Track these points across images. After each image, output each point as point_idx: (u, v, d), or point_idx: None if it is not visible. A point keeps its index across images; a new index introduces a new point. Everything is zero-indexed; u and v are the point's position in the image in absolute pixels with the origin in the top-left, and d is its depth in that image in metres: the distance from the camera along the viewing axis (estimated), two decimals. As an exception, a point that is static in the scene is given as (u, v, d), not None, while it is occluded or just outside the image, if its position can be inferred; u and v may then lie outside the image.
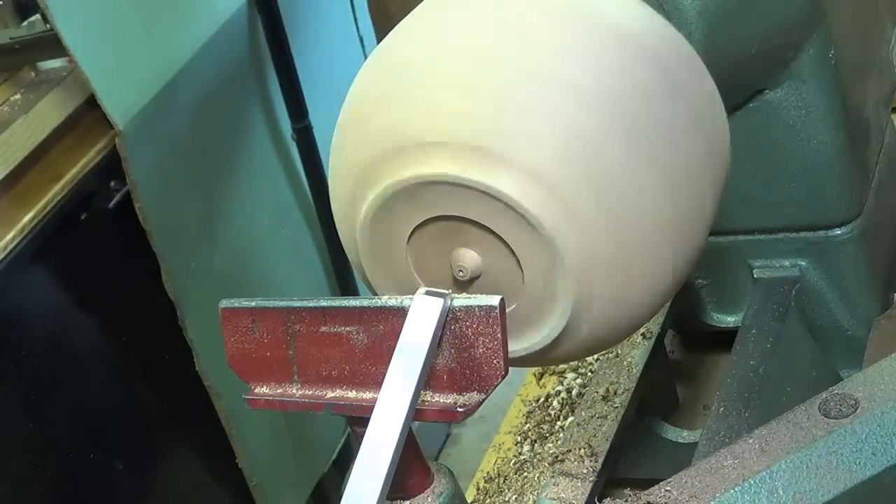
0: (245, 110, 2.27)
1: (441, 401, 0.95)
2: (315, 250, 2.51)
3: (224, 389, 2.06)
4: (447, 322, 0.94)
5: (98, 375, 1.91)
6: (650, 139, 1.07)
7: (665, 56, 1.12)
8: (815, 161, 1.44)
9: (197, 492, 2.15)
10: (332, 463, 2.50)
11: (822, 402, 1.08)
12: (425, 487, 0.99)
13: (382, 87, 1.12)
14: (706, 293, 1.61)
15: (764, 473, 1.04)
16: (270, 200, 2.35)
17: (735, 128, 1.22)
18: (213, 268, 2.11)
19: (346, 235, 1.17)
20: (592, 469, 1.43)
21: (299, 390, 1.01)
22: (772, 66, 1.39)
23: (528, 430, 1.70)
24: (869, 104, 1.52)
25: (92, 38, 1.83)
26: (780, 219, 1.50)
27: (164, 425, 2.07)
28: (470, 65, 1.08)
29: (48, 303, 1.82)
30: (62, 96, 1.89)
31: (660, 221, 1.07)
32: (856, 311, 1.53)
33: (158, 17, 1.97)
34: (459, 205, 1.05)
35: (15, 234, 1.73)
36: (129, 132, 1.85)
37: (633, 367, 1.57)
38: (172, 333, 1.99)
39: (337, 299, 0.99)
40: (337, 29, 2.60)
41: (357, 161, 1.11)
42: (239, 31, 2.22)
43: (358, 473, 0.90)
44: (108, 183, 1.89)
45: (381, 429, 0.91)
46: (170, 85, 1.97)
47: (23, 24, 1.98)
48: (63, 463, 1.81)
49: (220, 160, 2.17)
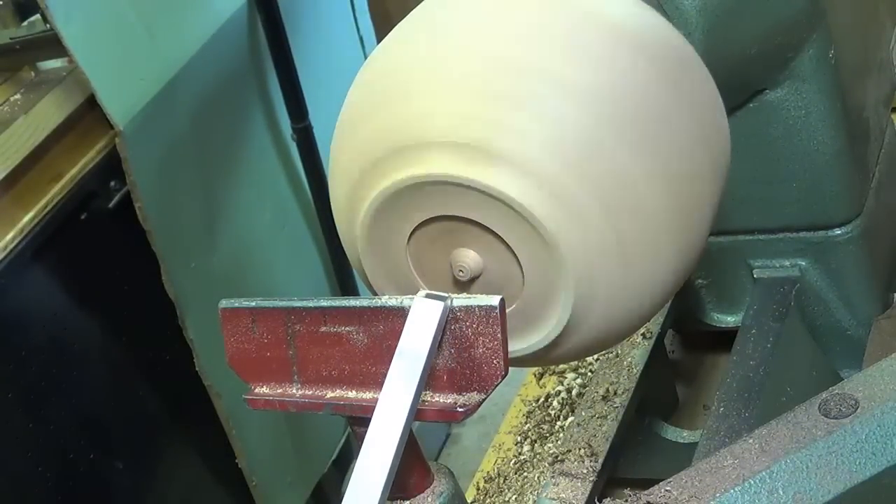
0: (245, 110, 2.27)
1: (441, 401, 0.95)
2: (315, 250, 2.50)
3: (224, 389, 2.06)
4: (447, 322, 0.94)
5: (98, 375, 1.90)
6: (651, 140, 1.07)
7: (665, 56, 1.12)
8: (815, 161, 1.44)
9: (197, 492, 2.14)
10: (332, 463, 2.49)
11: (822, 402, 1.08)
12: (425, 487, 1.00)
13: (382, 88, 1.12)
14: (706, 293, 1.61)
15: (764, 473, 1.04)
16: (270, 200, 2.35)
17: (735, 128, 1.22)
18: (213, 268, 2.11)
19: (346, 235, 1.17)
20: (592, 469, 1.43)
21: (299, 390, 1.01)
22: (772, 66, 1.39)
23: (528, 430, 1.70)
24: (869, 104, 1.52)
25: (92, 38, 1.83)
26: (780, 219, 1.50)
27: (164, 425, 2.06)
28: (469, 65, 1.08)
29: (48, 303, 1.82)
30: (62, 96, 1.89)
31: (660, 222, 1.07)
32: (856, 311, 1.53)
33: (158, 17, 1.97)
34: (459, 205, 1.05)
35: (15, 234, 1.73)
36: (129, 132, 1.85)
37: (633, 367, 1.57)
38: (172, 333, 1.99)
39: (337, 299, 0.99)
40: (337, 29, 2.60)
41: (357, 161, 1.11)
42: (239, 31, 2.22)
43: (359, 474, 0.90)
44: (108, 183, 1.89)
45: (381, 430, 0.91)
46: (170, 85, 1.96)
47: (23, 24, 1.98)
48: (63, 463, 1.81)
49: (220, 160, 2.17)
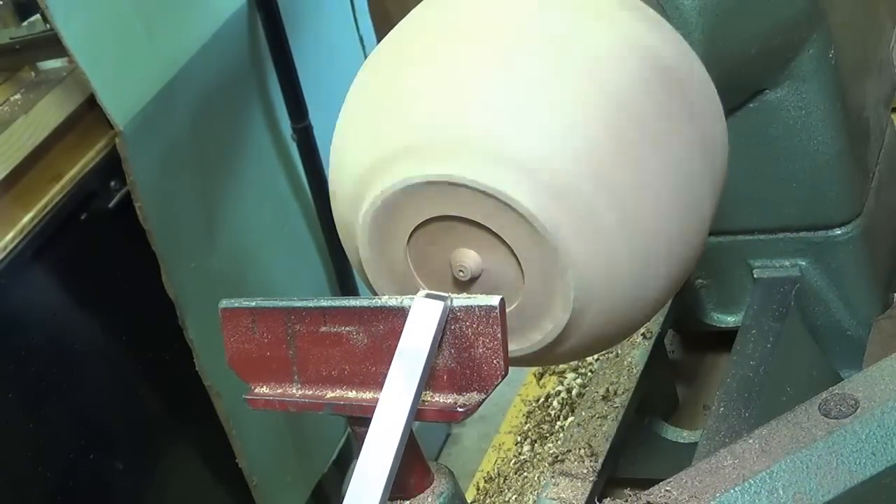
0: (245, 110, 2.27)
1: (441, 401, 0.95)
2: (315, 250, 2.50)
3: (224, 389, 2.06)
4: (447, 322, 0.94)
5: (98, 375, 1.90)
6: (651, 139, 1.07)
7: (664, 56, 1.12)
8: (815, 161, 1.44)
9: (197, 492, 2.14)
10: (332, 463, 2.50)
11: (822, 402, 1.08)
12: (425, 487, 1.00)
13: (382, 88, 1.12)
14: (706, 293, 1.61)
15: (764, 473, 1.04)
16: (270, 200, 2.35)
17: (735, 128, 1.22)
18: (213, 268, 2.11)
19: (346, 236, 1.17)
20: (592, 469, 1.43)
21: (299, 390, 1.01)
22: (772, 66, 1.39)
23: (528, 430, 1.70)
24: (869, 104, 1.51)
25: (92, 38, 1.83)
26: (780, 219, 1.50)
27: (164, 425, 2.06)
28: (469, 65, 1.08)
29: (48, 303, 1.82)
30: (62, 96, 1.89)
31: (660, 221, 1.07)
32: (856, 311, 1.53)
33: (158, 17, 1.97)
34: (459, 205, 1.05)
35: (15, 234, 1.73)
36: (129, 132, 1.85)
37: (633, 367, 1.57)
38: (172, 333, 1.99)
39: (337, 299, 0.99)
40: (337, 29, 2.60)
41: (357, 161, 1.11)
42: (239, 31, 2.22)
43: (359, 474, 0.90)
44: (108, 183, 1.89)
45: (381, 430, 0.91)
46: (170, 85, 1.96)
47: (23, 24, 1.98)
48: (63, 463, 1.81)
49: (220, 160, 2.17)
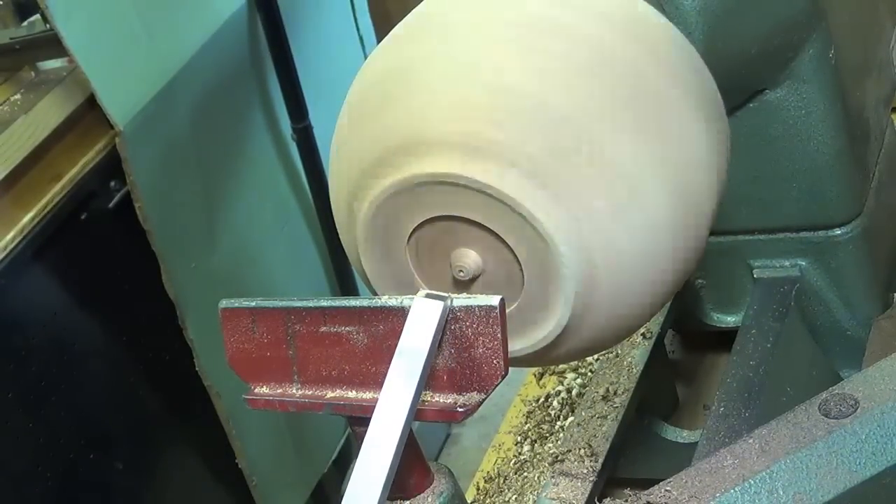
0: (245, 110, 2.27)
1: (441, 401, 0.95)
2: (315, 250, 2.50)
3: (224, 389, 2.06)
4: (447, 322, 0.94)
5: (98, 375, 1.90)
6: (652, 139, 1.07)
7: (667, 55, 1.12)
8: (815, 161, 1.44)
9: (197, 492, 2.14)
10: (332, 463, 2.49)
11: (822, 402, 1.08)
12: (425, 487, 1.00)
13: (382, 88, 1.12)
14: (706, 293, 1.61)
15: (764, 473, 1.04)
16: (270, 200, 2.35)
17: (735, 128, 1.22)
18: (213, 268, 2.11)
19: (346, 235, 1.17)
20: (592, 469, 1.43)
21: (299, 390, 1.01)
22: (772, 66, 1.39)
23: (528, 430, 1.70)
24: (869, 104, 1.51)
25: (92, 38, 1.82)
26: (780, 219, 1.50)
27: (163, 425, 2.06)
28: (470, 66, 1.08)
29: (48, 303, 1.81)
30: (62, 96, 1.89)
31: (660, 221, 1.07)
32: (856, 311, 1.53)
33: (158, 17, 1.97)
34: (459, 205, 1.05)
35: (15, 234, 1.73)
36: (129, 132, 1.85)
37: (633, 367, 1.57)
38: (172, 333, 1.99)
39: (337, 299, 0.99)
40: (337, 29, 2.60)
41: (357, 161, 1.11)
42: (239, 31, 2.22)
43: (359, 474, 0.90)
44: (108, 183, 1.89)
45: (381, 430, 0.91)
46: (170, 85, 1.96)
47: (23, 24, 1.98)
48: (63, 463, 1.81)
49: (220, 160, 2.17)
